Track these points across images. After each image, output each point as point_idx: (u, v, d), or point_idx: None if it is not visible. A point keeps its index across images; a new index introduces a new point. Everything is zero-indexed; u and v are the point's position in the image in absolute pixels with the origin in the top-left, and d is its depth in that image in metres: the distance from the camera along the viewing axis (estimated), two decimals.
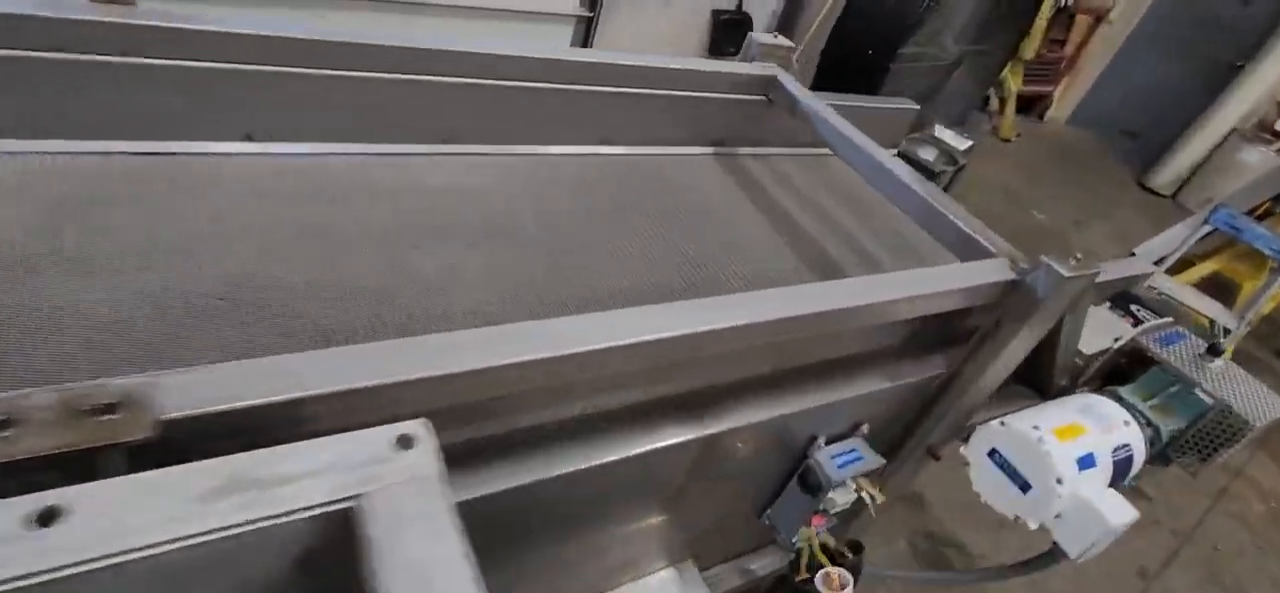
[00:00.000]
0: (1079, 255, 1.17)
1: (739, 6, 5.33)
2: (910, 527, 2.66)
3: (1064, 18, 7.09)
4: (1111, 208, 6.46)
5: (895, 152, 2.15)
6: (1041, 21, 6.40)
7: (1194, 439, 1.46)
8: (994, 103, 7.11)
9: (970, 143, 4.62)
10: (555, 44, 4.62)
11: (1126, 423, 1.32)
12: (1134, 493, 1.58)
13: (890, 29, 3.87)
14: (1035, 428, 1.24)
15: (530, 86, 1.44)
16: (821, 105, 1.64)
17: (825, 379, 1.21)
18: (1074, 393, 1.56)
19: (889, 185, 1.44)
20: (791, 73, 1.82)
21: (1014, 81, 6.91)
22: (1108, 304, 1.92)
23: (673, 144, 1.69)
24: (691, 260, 1.34)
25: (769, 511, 1.36)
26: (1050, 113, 8.16)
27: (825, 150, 1.88)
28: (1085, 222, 5.95)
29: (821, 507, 1.28)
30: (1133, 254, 5.20)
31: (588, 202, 1.42)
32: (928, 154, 4.14)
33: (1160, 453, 1.46)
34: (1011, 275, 1.19)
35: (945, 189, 4.43)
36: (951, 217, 1.32)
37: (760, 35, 1.77)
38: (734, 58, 1.82)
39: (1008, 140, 7.12)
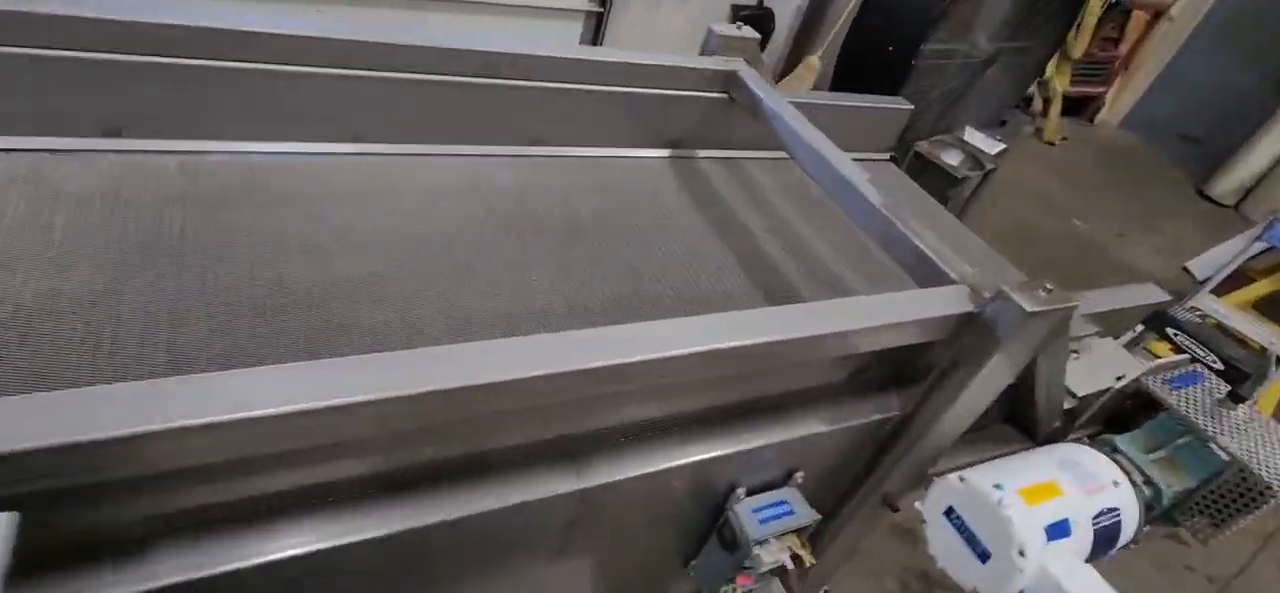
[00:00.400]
0: (1049, 285, 0.98)
1: (760, 2, 5.11)
2: (901, 563, 2.45)
3: (1117, 14, 6.65)
4: (1164, 218, 6.02)
5: (888, 155, 1.96)
6: (1090, 18, 6.02)
7: (1206, 502, 1.24)
8: (1037, 104, 6.72)
9: (1002, 147, 4.34)
10: (564, 41, 4.50)
11: (1116, 483, 1.12)
12: (1171, 537, 1.36)
13: (911, 24, 3.62)
14: (997, 487, 1.05)
15: (463, 82, 1.31)
16: (783, 104, 1.46)
17: (747, 422, 1.05)
18: (1064, 440, 1.35)
19: (844, 196, 1.26)
20: (759, 68, 1.65)
21: (1060, 82, 6.51)
22: (1138, 328, 1.70)
23: (617, 145, 1.53)
24: (607, 277, 1.19)
25: (694, 562, 1.20)
26: (1101, 115, 7.69)
27: (773, 151, 1.70)
28: (1131, 232, 5.54)
29: (746, 565, 1.11)
30: (1185, 269, 4.84)
31: (504, 207, 1.28)
32: (951, 158, 3.88)
33: (1164, 515, 1.25)
34: (968, 307, 1.00)
35: (971, 195, 4.16)
36: (909, 235, 1.14)
37: (721, 26, 1.61)
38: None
39: (1052, 144, 6.72)
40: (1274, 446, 1.23)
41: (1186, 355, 1.38)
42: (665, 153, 1.59)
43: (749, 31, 1.64)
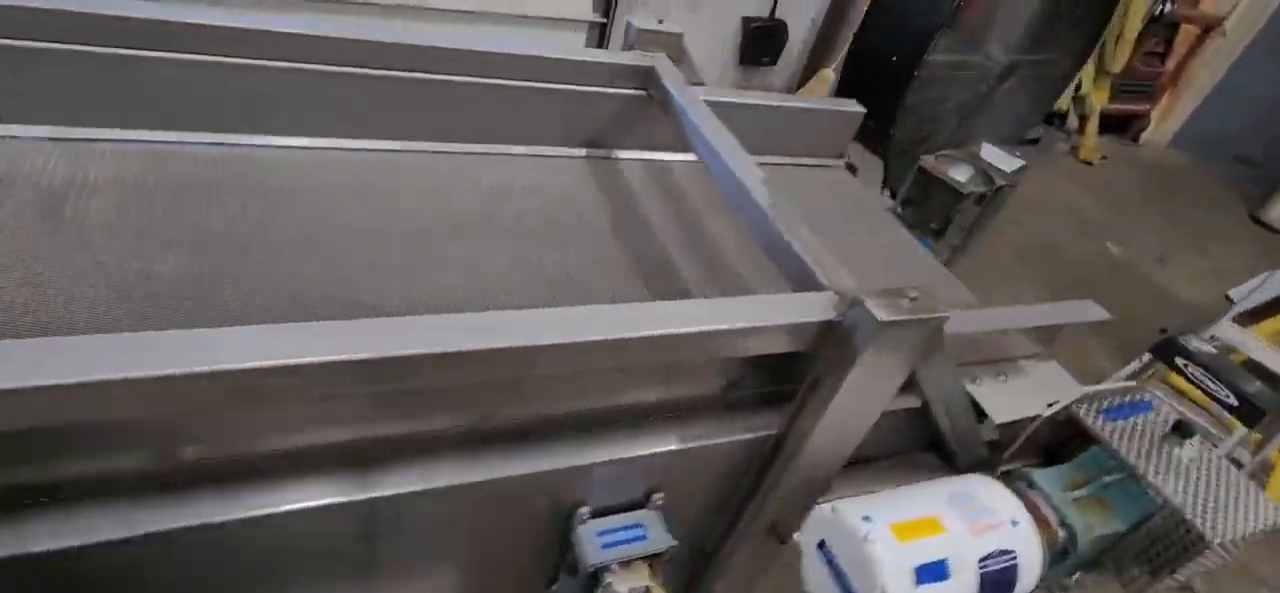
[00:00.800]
0: (914, 293, 0.87)
1: (772, 13, 5.02)
2: None
3: (1161, 28, 6.31)
4: (1211, 242, 5.63)
5: (843, 162, 1.85)
6: (1131, 31, 5.73)
7: (1140, 549, 1.09)
8: (1073, 121, 6.41)
9: (1021, 163, 4.12)
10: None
11: (1015, 523, 0.98)
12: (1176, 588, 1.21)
13: (914, 33, 3.47)
14: (866, 519, 0.93)
15: (355, 73, 1.27)
16: (697, 103, 1.37)
17: (589, 435, 0.96)
18: (991, 472, 1.22)
19: (735, 198, 1.17)
20: (685, 63, 1.57)
21: (1098, 97, 6.21)
22: (1145, 358, 1.53)
23: (526, 143, 1.47)
24: (476, 277, 1.11)
25: (554, 587, 1.11)
26: (1147, 134, 7.29)
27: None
28: (1174, 257, 5.20)
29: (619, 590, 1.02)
30: (1228, 297, 4.50)
31: (383, 205, 1.22)
32: (960, 173, 3.69)
33: (1092, 562, 1.10)
34: (828, 315, 0.90)
35: (983, 213, 3.95)
36: (789, 240, 1.03)
37: (640, 18, 1.53)
38: (769, 69, 1.59)
39: (1089, 163, 6.39)
40: (1219, 489, 1.07)
41: (1134, 382, 1.23)
42: (581, 152, 1.52)
43: (673, 26, 1.57)
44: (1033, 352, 1.32)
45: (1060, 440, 1.27)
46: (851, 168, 1.89)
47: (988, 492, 1.02)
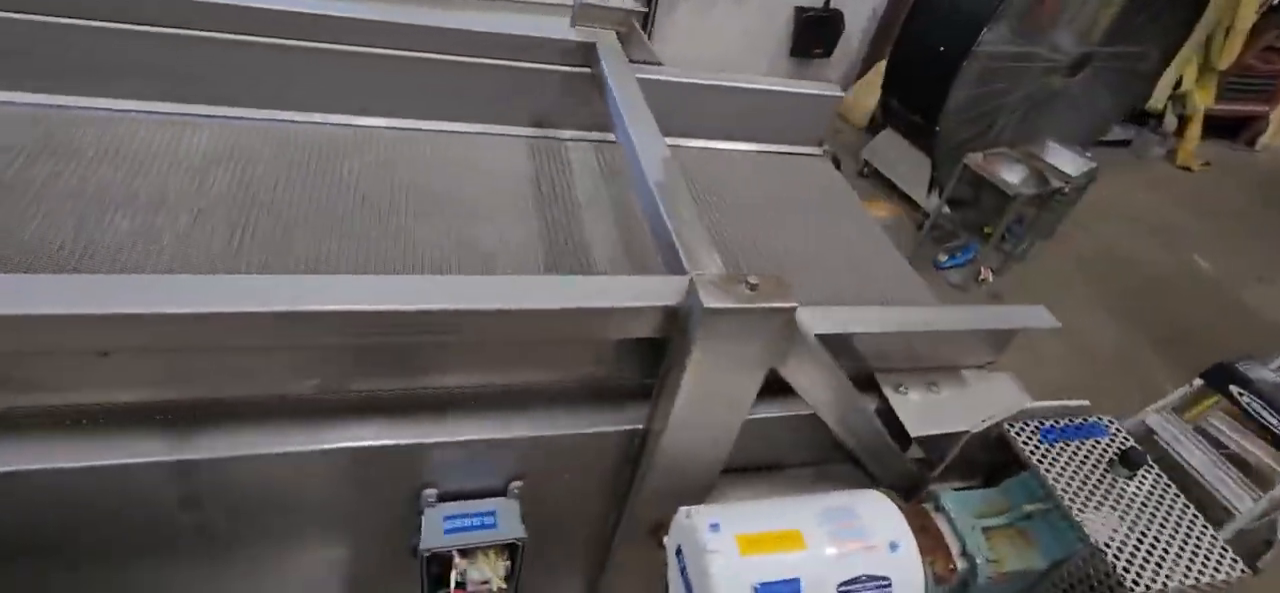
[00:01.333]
0: (753, 279, 0.78)
1: (827, 4, 4.82)
2: None
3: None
4: None
5: (822, 149, 1.74)
6: (1243, 23, 5.14)
7: (1060, 590, 0.95)
8: (1172, 122, 5.83)
9: (1090, 165, 3.78)
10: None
11: (894, 547, 0.87)
12: None
13: (966, 19, 3.23)
14: (713, 527, 0.85)
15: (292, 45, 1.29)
16: (625, 81, 1.31)
17: (441, 414, 0.92)
18: (922, 490, 1.10)
19: (633, 177, 1.10)
20: (636, 39, 1.51)
21: (1201, 97, 5.62)
22: (1196, 382, 1.33)
23: (465, 120, 1.44)
24: (375, 256, 1.10)
25: None
26: (1265, 139, 6.54)
27: (676, 138, 1.54)
28: (1276, 279, 4.62)
29: (456, 579, 0.98)
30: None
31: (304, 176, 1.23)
32: (1012, 173, 3.42)
33: None
34: (672, 301, 0.82)
35: (1037, 217, 3.64)
36: (665, 217, 0.96)
37: None
38: (823, 62, 1.54)
39: (1188, 169, 5.79)
40: (1165, 532, 0.92)
41: (1086, 402, 1.07)
42: (525, 130, 1.49)
43: (625, 1, 1.50)
44: (981, 360, 1.18)
45: (1003, 462, 1.13)
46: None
47: (873, 509, 0.91)
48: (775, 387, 0.93)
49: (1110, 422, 1.07)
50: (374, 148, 1.33)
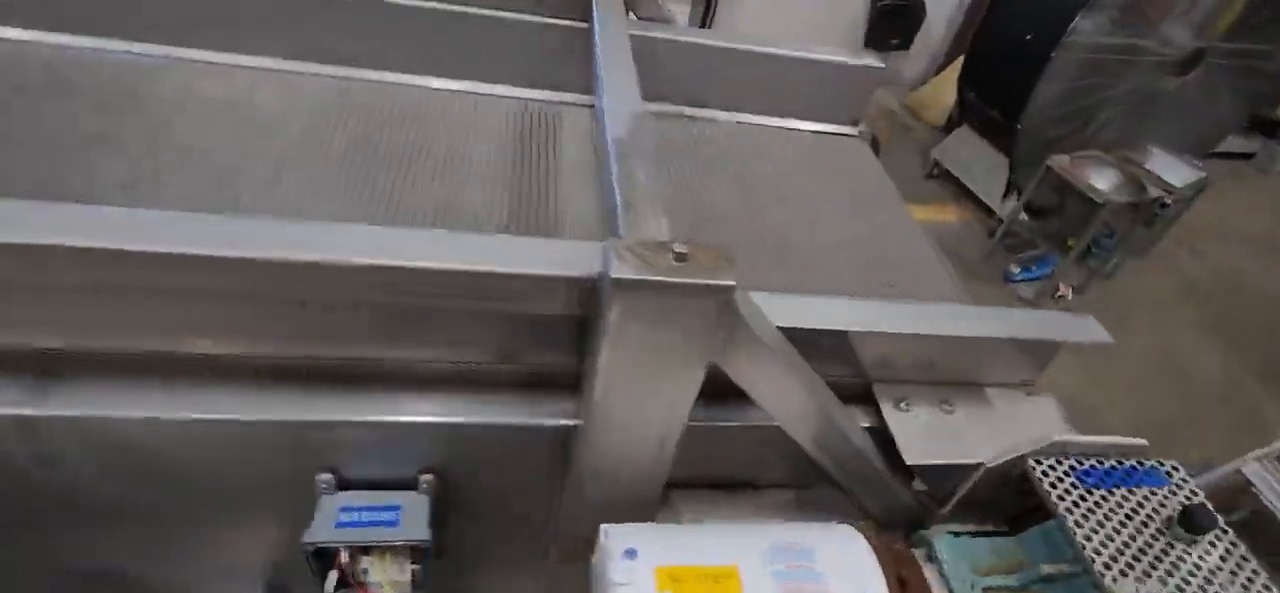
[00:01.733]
0: (681, 247, 0.62)
1: None
2: None
3: None
4: None
5: (858, 130, 1.53)
6: None
7: None
8: None
9: (1200, 175, 3.35)
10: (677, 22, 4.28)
11: None
12: None
13: (1055, 6, 2.88)
14: (630, 553, 0.69)
15: None
16: (615, 36, 1.16)
17: (338, 388, 0.80)
18: (925, 527, 0.91)
19: (599, 134, 0.95)
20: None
21: None
22: None
23: (462, 78, 1.33)
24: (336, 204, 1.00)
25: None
26: None
27: (675, 107, 1.38)
28: None
29: (360, 577, 0.86)
30: None
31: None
32: (1102, 180, 3.04)
33: None
34: (585, 271, 0.67)
35: (1131, 228, 3.23)
36: (615, 182, 0.80)
37: None
38: (901, 55, 1.39)
39: None
40: None
41: (1142, 440, 0.85)
42: (524, 91, 1.36)
43: None
44: (1016, 378, 0.97)
45: (1031, 508, 0.92)
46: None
47: (837, 548, 0.73)
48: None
49: (1174, 468, 0.85)
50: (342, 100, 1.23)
